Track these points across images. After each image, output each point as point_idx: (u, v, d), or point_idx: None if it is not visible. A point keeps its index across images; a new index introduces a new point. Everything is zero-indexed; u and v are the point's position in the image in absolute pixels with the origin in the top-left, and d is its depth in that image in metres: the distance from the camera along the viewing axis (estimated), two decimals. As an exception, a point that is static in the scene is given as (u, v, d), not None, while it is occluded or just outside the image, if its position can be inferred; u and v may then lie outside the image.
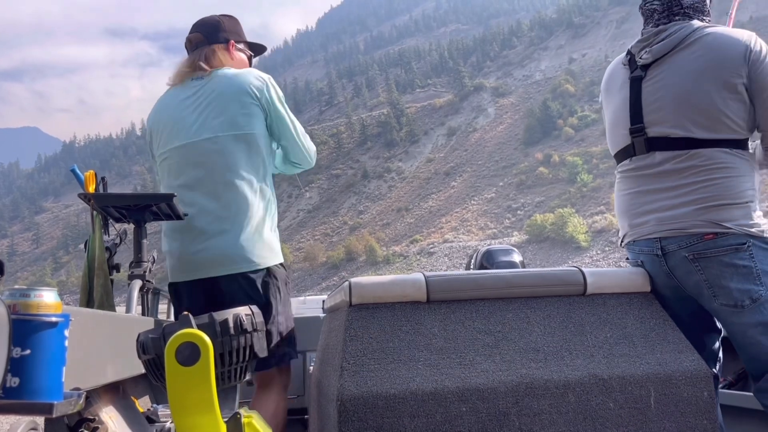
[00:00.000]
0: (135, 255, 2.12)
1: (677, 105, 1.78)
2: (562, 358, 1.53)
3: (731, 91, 1.74)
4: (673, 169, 1.79)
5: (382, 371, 1.48)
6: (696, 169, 1.76)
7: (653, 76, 1.84)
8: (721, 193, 1.73)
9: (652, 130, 1.82)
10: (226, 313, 1.25)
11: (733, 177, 1.75)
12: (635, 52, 1.92)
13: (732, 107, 1.74)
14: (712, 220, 1.73)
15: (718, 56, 1.76)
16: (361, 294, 1.60)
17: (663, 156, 1.80)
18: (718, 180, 1.74)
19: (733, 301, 1.70)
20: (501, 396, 1.46)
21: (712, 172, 1.74)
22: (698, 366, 1.52)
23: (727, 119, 1.75)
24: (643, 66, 1.86)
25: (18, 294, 0.87)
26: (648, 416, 1.48)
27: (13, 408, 0.83)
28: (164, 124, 2.20)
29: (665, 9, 1.89)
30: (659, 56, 1.83)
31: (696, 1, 1.90)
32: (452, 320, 1.59)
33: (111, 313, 1.80)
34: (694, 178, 1.76)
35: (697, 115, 1.76)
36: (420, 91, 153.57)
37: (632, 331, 1.60)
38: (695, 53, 1.79)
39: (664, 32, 1.84)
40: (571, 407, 1.47)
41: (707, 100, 1.75)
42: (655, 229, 1.82)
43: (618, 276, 1.70)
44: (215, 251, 2.03)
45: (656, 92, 1.83)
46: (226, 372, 1.23)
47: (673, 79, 1.80)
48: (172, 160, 2.17)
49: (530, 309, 1.63)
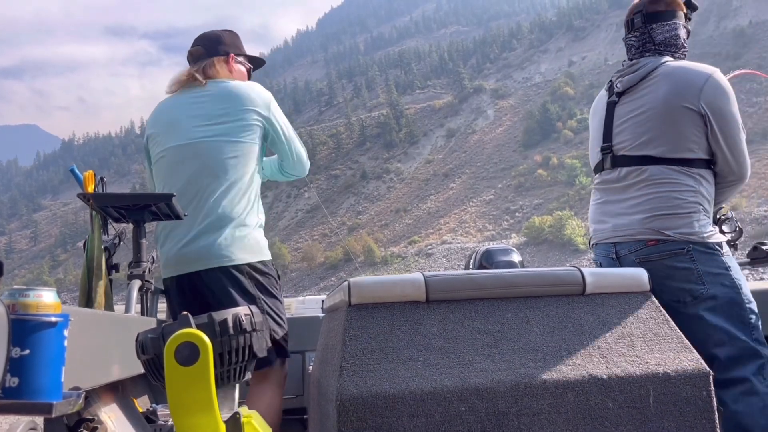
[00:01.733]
0: (134, 255, 2.13)
1: (636, 127, 2.05)
2: (561, 357, 1.53)
3: (685, 116, 1.98)
4: (630, 183, 2.05)
5: (382, 371, 1.48)
6: (646, 182, 2.01)
7: (624, 103, 2.12)
8: (664, 204, 1.98)
9: (617, 148, 2.09)
10: (225, 312, 1.25)
11: (677, 191, 1.98)
12: (614, 80, 2.19)
13: (685, 131, 1.98)
14: (655, 228, 1.99)
15: (676, 86, 2.01)
16: (361, 294, 1.60)
17: (624, 171, 2.06)
18: (662, 193, 1.98)
19: (676, 298, 1.96)
20: (500, 395, 1.46)
21: (658, 186, 1.99)
22: (697, 366, 1.53)
23: (680, 141, 1.99)
24: (618, 93, 2.14)
25: (17, 294, 0.87)
26: (647, 416, 1.48)
27: (13, 408, 0.83)
28: (160, 128, 2.30)
29: (640, 44, 2.15)
30: (629, 86, 2.10)
31: (667, 38, 2.12)
32: (451, 320, 1.60)
33: (110, 313, 1.80)
34: (644, 191, 2.01)
35: (650, 135, 2.02)
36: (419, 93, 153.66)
37: (631, 331, 1.60)
38: (657, 83, 2.04)
39: (636, 65, 2.11)
40: (570, 407, 1.47)
41: (660, 124, 2.00)
42: (611, 235, 2.10)
43: (617, 276, 1.71)
44: (198, 248, 2.12)
45: (623, 116, 2.10)
46: (225, 372, 1.23)
47: (637, 105, 2.07)
48: (164, 161, 2.26)
49: (529, 309, 1.63)
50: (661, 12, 2.12)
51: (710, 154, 2.03)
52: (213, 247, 2.11)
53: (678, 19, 2.13)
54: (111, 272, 2.10)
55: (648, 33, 2.12)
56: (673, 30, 2.12)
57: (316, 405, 1.83)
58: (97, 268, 2.03)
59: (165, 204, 2.01)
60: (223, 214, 2.13)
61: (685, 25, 2.17)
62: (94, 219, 2.10)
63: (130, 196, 2.12)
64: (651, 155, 2.00)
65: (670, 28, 2.12)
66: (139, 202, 2.06)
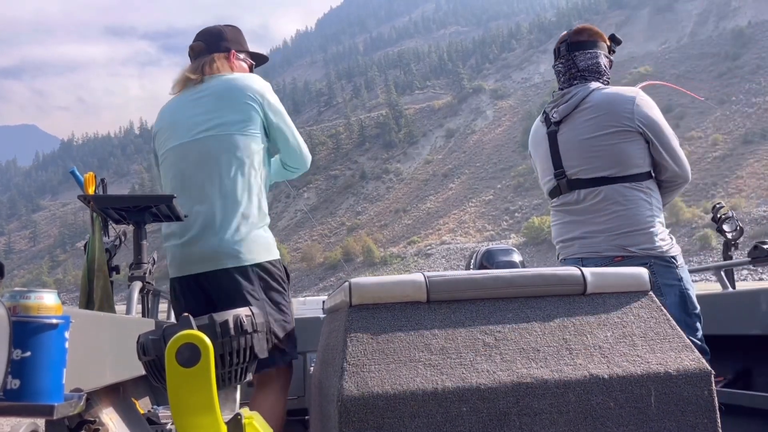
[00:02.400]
0: (135, 256, 2.13)
1: (583, 152, 2.20)
2: (562, 357, 1.53)
3: (623, 136, 2.15)
4: (590, 204, 2.19)
5: (383, 372, 1.47)
6: (605, 203, 2.16)
7: (564, 131, 2.26)
8: (624, 222, 2.13)
9: (570, 173, 2.23)
10: (226, 314, 1.24)
11: (634, 208, 2.13)
12: (548, 111, 2.34)
13: (626, 149, 2.15)
14: (619, 245, 2.13)
15: (610, 111, 2.17)
16: (362, 294, 1.59)
17: (583, 194, 2.21)
18: (621, 212, 2.13)
19: None
20: (501, 396, 1.45)
21: (616, 206, 2.14)
22: (698, 365, 1.52)
23: (624, 159, 2.15)
24: (556, 122, 2.29)
25: (18, 296, 0.87)
26: (648, 415, 1.48)
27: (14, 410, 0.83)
28: (164, 128, 2.27)
29: (566, 70, 2.33)
30: (565, 115, 2.26)
31: (589, 65, 2.31)
32: (452, 320, 1.59)
33: (111, 315, 1.81)
34: (605, 211, 2.15)
35: (598, 159, 2.17)
36: (419, 93, 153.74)
37: (632, 331, 1.60)
38: (591, 110, 2.20)
39: (567, 95, 2.28)
40: (572, 407, 1.46)
41: (604, 146, 2.16)
42: (579, 251, 2.22)
43: (618, 275, 1.70)
44: (204, 248, 2.07)
45: (567, 143, 2.24)
46: (226, 373, 1.23)
47: (577, 132, 2.22)
48: (168, 160, 2.22)
49: (530, 309, 1.63)
50: (584, 42, 2.32)
51: (651, 165, 2.21)
52: (220, 247, 2.06)
53: (600, 49, 2.33)
54: (112, 274, 2.11)
55: (572, 60, 2.32)
56: (595, 58, 2.31)
57: (318, 406, 1.82)
58: (98, 270, 2.04)
59: (165, 205, 2.01)
60: (230, 211, 2.08)
61: (607, 55, 2.36)
62: (94, 221, 2.10)
63: (131, 198, 2.12)
64: (603, 176, 2.16)
65: (591, 56, 2.31)
66: (139, 204, 2.06)
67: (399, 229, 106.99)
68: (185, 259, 2.12)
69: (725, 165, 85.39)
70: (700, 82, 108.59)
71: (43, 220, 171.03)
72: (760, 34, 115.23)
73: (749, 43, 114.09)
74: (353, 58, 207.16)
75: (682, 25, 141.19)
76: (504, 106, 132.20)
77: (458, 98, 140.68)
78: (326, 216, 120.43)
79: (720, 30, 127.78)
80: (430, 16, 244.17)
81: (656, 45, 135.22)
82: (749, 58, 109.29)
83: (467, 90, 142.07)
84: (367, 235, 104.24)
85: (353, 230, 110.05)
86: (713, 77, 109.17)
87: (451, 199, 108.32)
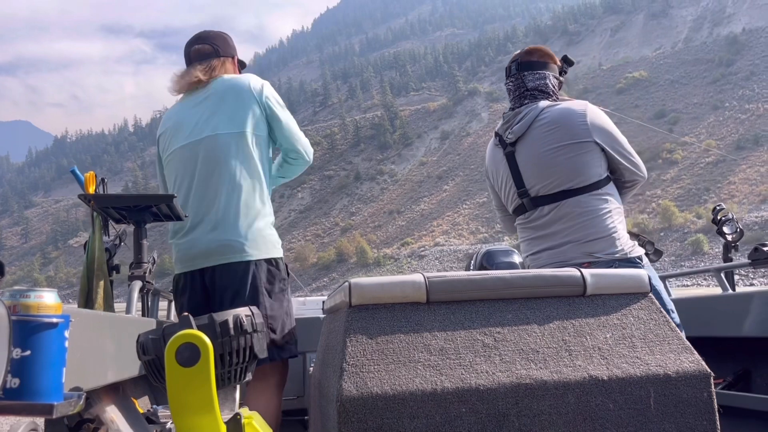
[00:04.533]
0: (135, 256, 2.13)
1: (542, 168, 2.27)
2: (561, 358, 1.53)
3: (580, 148, 2.22)
4: (555, 216, 2.27)
5: (382, 372, 1.47)
6: (570, 215, 2.24)
7: (521, 151, 2.33)
8: (588, 232, 2.22)
9: (533, 190, 2.30)
10: (226, 314, 1.25)
11: (596, 217, 2.22)
12: (502, 132, 2.41)
13: (584, 160, 2.23)
14: (585, 252, 2.22)
15: (564, 124, 2.25)
16: (361, 295, 1.59)
17: (546, 209, 2.28)
18: (585, 221, 2.22)
19: None
20: (501, 397, 1.45)
21: (581, 216, 2.23)
22: (698, 367, 1.53)
23: (583, 170, 2.23)
24: (512, 143, 2.35)
25: (18, 295, 0.87)
26: (648, 417, 1.48)
27: (14, 409, 0.83)
28: (169, 129, 2.32)
29: (516, 89, 2.40)
30: (520, 134, 2.32)
31: (538, 85, 2.38)
32: (452, 321, 1.59)
33: (111, 314, 1.81)
34: (570, 222, 2.24)
35: (558, 173, 2.24)
36: (414, 95, 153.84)
37: (632, 332, 1.60)
38: (546, 126, 2.27)
39: (519, 115, 2.34)
40: (571, 408, 1.46)
41: (562, 160, 2.23)
42: (548, 261, 2.30)
43: (617, 277, 1.71)
44: (210, 242, 2.12)
45: (526, 161, 2.31)
46: (226, 373, 1.23)
47: (534, 149, 2.29)
48: (175, 160, 2.27)
49: (530, 310, 1.63)
50: (534, 62, 2.40)
51: (609, 170, 2.30)
52: (227, 241, 2.11)
53: (549, 70, 2.41)
54: (112, 273, 2.11)
55: (521, 79, 2.39)
56: (543, 79, 2.39)
57: (317, 406, 1.82)
58: (98, 269, 2.04)
59: (166, 205, 2.02)
60: (236, 207, 2.13)
61: (557, 76, 2.44)
62: (95, 220, 2.10)
63: (131, 197, 2.13)
64: (564, 190, 2.24)
65: (540, 77, 2.39)
66: (140, 203, 2.06)
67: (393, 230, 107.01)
68: (191, 254, 2.16)
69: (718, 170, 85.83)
70: (694, 88, 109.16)
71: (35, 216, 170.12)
72: (754, 40, 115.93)
73: (743, 50, 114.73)
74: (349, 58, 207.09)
75: (677, 30, 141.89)
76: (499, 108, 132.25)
77: (453, 100, 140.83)
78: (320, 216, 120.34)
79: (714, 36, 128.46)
80: (426, 18, 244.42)
81: (651, 50, 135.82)
82: (743, 64, 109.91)
83: (462, 92, 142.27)
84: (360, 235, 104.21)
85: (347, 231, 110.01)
86: (707, 83, 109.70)
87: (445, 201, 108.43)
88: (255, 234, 2.14)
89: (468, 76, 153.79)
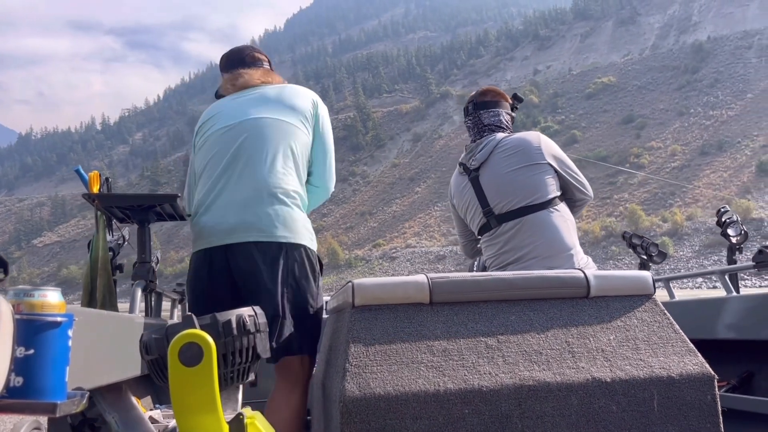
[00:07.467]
0: (138, 256, 2.10)
1: (505, 187, 2.49)
2: (564, 360, 1.53)
3: (537, 169, 2.47)
4: (517, 232, 2.44)
5: (385, 373, 1.46)
6: (531, 230, 2.42)
7: (484, 174, 2.56)
8: (548, 248, 2.39)
9: (496, 208, 2.50)
10: (229, 313, 1.25)
11: (555, 232, 2.40)
12: (465, 161, 2.65)
13: (541, 179, 2.46)
14: (547, 266, 2.32)
15: (521, 149, 2.52)
16: (364, 295, 1.59)
17: (509, 225, 2.47)
18: (546, 237, 2.40)
19: None
20: (504, 398, 1.45)
21: (542, 232, 2.40)
22: (702, 370, 1.53)
23: (541, 187, 2.45)
24: (475, 169, 2.59)
25: (22, 294, 0.87)
26: (651, 419, 1.48)
27: (17, 407, 0.83)
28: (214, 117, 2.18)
29: (474, 125, 2.69)
30: (482, 160, 2.57)
31: (493, 122, 2.66)
32: (455, 322, 1.59)
33: (114, 314, 1.81)
34: (531, 238, 2.41)
35: (519, 190, 2.45)
36: (387, 96, 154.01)
37: (635, 334, 1.61)
38: (506, 151, 2.53)
39: (481, 144, 2.61)
40: (574, 410, 1.46)
41: (522, 179, 2.46)
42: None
43: (621, 279, 1.71)
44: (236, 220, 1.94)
45: (490, 183, 2.53)
46: (228, 373, 1.23)
47: (497, 171, 2.52)
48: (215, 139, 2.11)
49: (533, 311, 1.63)
50: (488, 101, 2.70)
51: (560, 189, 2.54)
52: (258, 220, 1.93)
53: (501, 108, 2.71)
54: (115, 272, 2.10)
55: (478, 117, 2.69)
56: (497, 116, 2.68)
57: (320, 406, 1.81)
58: (101, 269, 2.03)
59: (169, 204, 2.02)
60: (276, 189, 1.97)
61: (509, 112, 2.74)
62: (99, 219, 2.10)
63: (135, 197, 2.12)
64: (524, 206, 2.45)
65: (494, 114, 2.68)
66: (143, 203, 2.06)
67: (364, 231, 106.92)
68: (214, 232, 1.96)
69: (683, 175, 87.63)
70: (661, 94, 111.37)
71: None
72: (719, 48, 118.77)
73: (708, 57, 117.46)
74: (322, 59, 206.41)
75: (644, 37, 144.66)
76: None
77: (425, 103, 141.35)
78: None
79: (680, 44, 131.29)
80: (399, 21, 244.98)
81: (619, 56, 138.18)
82: (708, 71, 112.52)
83: (435, 95, 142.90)
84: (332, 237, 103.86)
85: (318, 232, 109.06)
86: (673, 89, 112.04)
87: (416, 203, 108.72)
88: (292, 219, 1.99)
89: (440, 79, 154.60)
